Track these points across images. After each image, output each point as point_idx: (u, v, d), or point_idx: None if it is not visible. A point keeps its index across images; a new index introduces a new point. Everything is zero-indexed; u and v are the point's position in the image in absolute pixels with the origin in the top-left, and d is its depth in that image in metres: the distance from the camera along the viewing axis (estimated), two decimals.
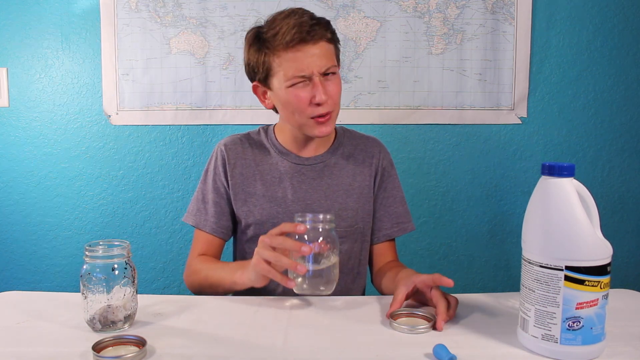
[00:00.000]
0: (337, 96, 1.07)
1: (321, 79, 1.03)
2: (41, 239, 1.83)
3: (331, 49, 1.06)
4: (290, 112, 1.07)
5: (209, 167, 1.18)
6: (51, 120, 1.79)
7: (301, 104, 1.04)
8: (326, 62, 1.03)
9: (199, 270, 1.10)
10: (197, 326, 0.83)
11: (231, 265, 1.03)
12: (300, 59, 1.01)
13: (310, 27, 1.01)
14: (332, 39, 1.07)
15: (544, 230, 0.71)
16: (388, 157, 1.22)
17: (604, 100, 1.78)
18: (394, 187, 1.20)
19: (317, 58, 1.02)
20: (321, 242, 0.86)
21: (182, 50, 1.75)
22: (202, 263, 1.11)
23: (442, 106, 1.76)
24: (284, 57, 1.02)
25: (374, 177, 1.18)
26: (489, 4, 1.72)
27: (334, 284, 0.88)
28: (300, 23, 1.00)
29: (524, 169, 1.80)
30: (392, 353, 0.73)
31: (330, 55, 1.05)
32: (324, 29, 1.04)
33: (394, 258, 1.20)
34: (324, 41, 1.04)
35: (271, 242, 0.87)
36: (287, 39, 1.00)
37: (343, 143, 1.19)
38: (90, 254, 0.80)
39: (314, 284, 0.87)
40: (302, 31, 1.00)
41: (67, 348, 0.74)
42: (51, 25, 1.76)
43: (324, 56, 1.03)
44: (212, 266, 1.08)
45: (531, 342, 0.72)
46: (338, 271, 0.89)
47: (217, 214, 1.15)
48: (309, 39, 1.01)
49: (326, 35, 1.04)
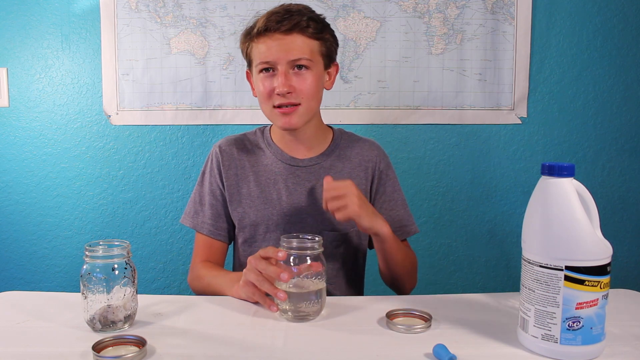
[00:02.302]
0: (306, 90, 1.05)
1: (287, 70, 1.03)
2: (41, 239, 1.83)
3: (309, 43, 1.04)
4: (260, 101, 1.10)
5: (206, 169, 1.18)
6: (51, 120, 1.79)
7: (264, 93, 1.06)
8: (294, 53, 1.02)
9: (202, 277, 1.10)
10: (197, 326, 0.83)
11: (230, 276, 1.03)
12: (268, 46, 1.03)
13: (283, 17, 1.02)
14: (315, 35, 1.05)
15: (544, 230, 0.71)
16: (386, 160, 1.20)
17: (604, 100, 1.78)
18: (393, 190, 1.18)
19: (284, 47, 1.02)
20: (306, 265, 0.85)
21: (182, 50, 1.75)
22: (205, 269, 1.11)
23: (442, 106, 1.76)
24: (256, 44, 1.05)
25: (370, 181, 1.17)
26: (489, 4, 1.72)
27: (320, 309, 0.86)
28: (278, 12, 1.03)
29: (524, 169, 1.80)
30: (392, 353, 0.73)
31: (305, 49, 1.03)
32: (302, 19, 1.03)
33: None
34: (298, 33, 1.03)
35: (257, 266, 0.87)
36: (259, 26, 1.03)
37: (339, 145, 1.18)
38: (90, 254, 0.80)
39: (297, 308, 0.84)
40: (274, 19, 1.02)
41: (67, 348, 0.74)
42: (51, 25, 1.76)
43: (295, 47, 1.02)
44: (215, 274, 1.07)
45: (531, 342, 0.72)
46: (325, 297, 0.88)
47: (213, 216, 1.15)
48: (278, 26, 1.02)
49: (304, 28, 1.03)
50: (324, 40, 1.08)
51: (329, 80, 1.13)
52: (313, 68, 1.06)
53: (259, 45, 1.04)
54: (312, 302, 0.85)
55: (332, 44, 1.11)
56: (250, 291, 0.89)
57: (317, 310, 0.86)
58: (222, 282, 1.02)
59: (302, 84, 1.04)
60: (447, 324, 0.83)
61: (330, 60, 1.12)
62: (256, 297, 0.89)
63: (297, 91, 1.04)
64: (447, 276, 1.82)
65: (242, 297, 0.94)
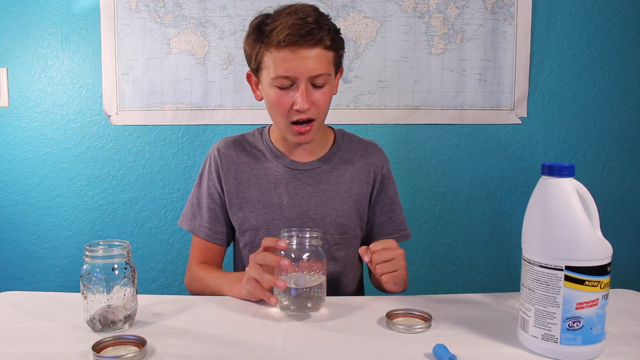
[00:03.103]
0: (323, 105, 1.03)
1: (307, 86, 1.00)
2: (41, 239, 1.83)
3: (328, 56, 1.01)
4: (272, 112, 1.06)
5: (204, 171, 1.16)
6: (51, 120, 1.79)
7: (282, 107, 1.02)
8: (316, 69, 0.99)
9: (200, 278, 1.09)
10: (197, 326, 0.83)
11: (230, 277, 1.03)
12: (289, 60, 0.98)
13: (307, 32, 0.96)
14: (332, 45, 1.01)
15: (544, 230, 0.71)
16: (387, 164, 1.20)
17: (604, 100, 1.78)
18: (395, 194, 1.19)
19: (307, 63, 0.98)
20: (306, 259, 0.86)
21: (182, 50, 1.75)
22: (202, 271, 1.10)
23: (442, 106, 1.76)
24: (275, 54, 0.99)
25: (372, 184, 1.16)
26: (489, 4, 1.72)
27: (320, 303, 0.87)
28: (299, 24, 0.96)
29: (524, 169, 1.80)
30: (392, 353, 0.73)
31: (325, 63, 1.00)
32: (324, 33, 0.99)
33: None
34: (320, 47, 0.99)
35: (256, 259, 0.87)
36: (280, 38, 0.96)
37: (341, 148, 1.17)
38: (90, 254, 0.80)
39: (298, 302, 0.85)
40: (296, 33, 0.96)
41: (67, 348, 0.74)
42: (51, 25, 1.76)
43: (316, 62, 0.99)
44: (213, 275, 1.07)
45: (531, 342, 0.72)
46: (325, 290, 0.88)
47: (211, 219, 1.13)
48: (302, 42, 0.97)
49: (324, 41, 0.99)
50: (337, 50, 1.05)
51: (335, 85, 1.12)
52: (329, 80, 1.04)
53: (279, 56, 0.98)
54: (312, 295, 0.85)
55: (343, 50, 1.08)
56: (252, 286, 0.89)
57: (317, 305, 0.86)
58: (222, 283, 1.01)
59: (321, 99, 1.02)
60: (447, 324, 0.83)
61: (339, 66, 1.09)
62: (258, 292, 0.88)
63: (315, 106, 1.02)
64: (447, 276, 1.82)
65: (242, 296, 0.94)
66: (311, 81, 1.00)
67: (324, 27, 0.99)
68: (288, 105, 1.01)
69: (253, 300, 0.93)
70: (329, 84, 1.04)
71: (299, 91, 1.00)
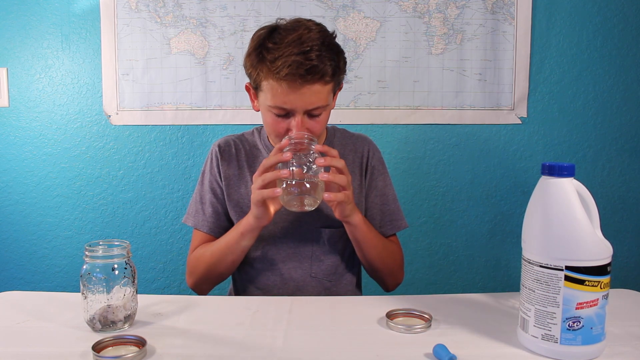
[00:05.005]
0: (318, 131, 1.05)
1: (303, 117, 1.01)
2: (41, 239, 1.83)
3: (327, 88, 1.01)
4: (268, 130, 1.10)
5: (205, 168, 1.19)
6: (51, 120, 1.79)
7: (277, 131, 1.04)
8: (314, 102, 0.99)
9: (202, 254, 1.11)
10: (197, 326, 0.83)
11: (232, 229, 1.09)
12: (286, 94, 0.97)
13: (307, 70, 0.95)
14: (333, 78, 1.01)
15: (544, 230, 0.71)
16: (378, 154, 1.20)
17: (604, 100, 1.78)
18: (385, 185, 1.19)
19: (305, 98, 0.98)
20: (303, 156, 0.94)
21: (182, 50, 1.75)
22: (202, 248, 1.13)
23: (442, 106, 1.76)
24: (273, 84, 0.98)
25: (363, 176, 1.17)
26: (489, 4, 1.72)
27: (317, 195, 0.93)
28: (300, 62, 0.94)
29: (524, 169, 1.80)
30: (392, 353, 0.73)
31: (323, 96, 1.00)
32: (325, 69, 0.97)
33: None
34: (320, 83, 0.98)
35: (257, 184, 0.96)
36: (280, 73, 0.95)
37: (333, 143, 1.18)
38: (90, 254, 0.80)
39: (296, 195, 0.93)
40: (297, 72, 0.95)
41: (67, 348, 0.74)
42: (51, 25, 1.76)
43: (314, 97, 0.99)
44: (213, 242, 1.12)
45: (531, 342, 0.72)
46: (322, 188, 0.94)
47: (214, 214, 1.15)
48: (302, 81, 0.96)
49: (325, 77, 0.98)
50: (338, 78, 1.05)
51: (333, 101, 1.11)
52: (327, 109, 1.05)
53: (277, 88, 0.98)
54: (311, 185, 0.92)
55: (344, 73, 1.08)
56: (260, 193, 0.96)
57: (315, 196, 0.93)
58: (226, 237, 1.08)
59: (316, 126, 1.04)
60: (447, 324, 0.83)
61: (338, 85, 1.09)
62: (266, 193, 0.95)
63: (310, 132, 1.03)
64: (447, 276, 1.82)
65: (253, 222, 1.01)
66: (308, 112, 1.02)
67: (325, 62, 0.98)
68: (283, 130, 1.03)
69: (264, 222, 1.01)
70: (326, 112, 1.06)
71: (294, 121, 1.01)
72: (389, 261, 1.13)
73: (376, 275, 1.16)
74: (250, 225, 1.02)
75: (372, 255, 1.10)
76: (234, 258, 1.08)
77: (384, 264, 1.12)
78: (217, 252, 1.08)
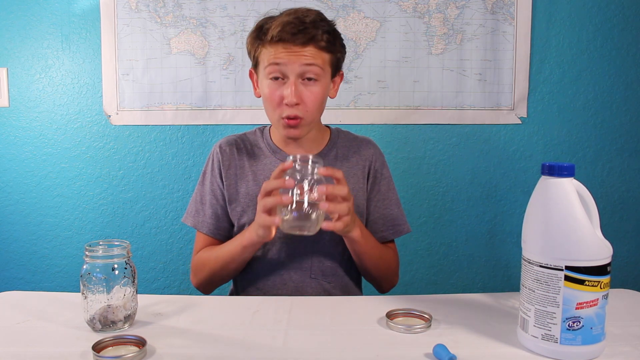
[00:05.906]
0: (312, 103, 1.05)
1: (297, 82, 1.03)
2: (41, 239, 1.83)
3: (322, 56, 1.04)
4: (266, 107, 1.10)
5: (207, 168, 1.19)
6: (51, 120, 1.79)
7: (273, 101, 1.06)
8: (307, 66, 1.03)
9: (206, 258, 1.12)
10: (197, 326, 0.83)
11: (235, 237, 1.08)
12: (279, 52, 1.02)
13: (300, 30, 1.01)
14: (328, 47, 1.05)
15: (544, 230, 0.71)
16: (381, 158, 1.20)
17: (604, 100, 1.78)
18: (388, 189, 1.19)
19: (297, 58, 1.02)
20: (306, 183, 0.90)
21: (182, 50, 1.75)
22: (206, 252, 1.14)
23: (442, 106, 1.76)
24: (267, 49, 1.04)
25: (366, 179, 1.17)
26: (489, 4, 1.72)
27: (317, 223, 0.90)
28: (294, 23, 1.01)
29: (524, 169, 1.80)
30: (392, 353, 0.73)
31: (317, 60, 1.03)
32: (318, 33, 1.02)
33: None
34: (313, 46, 1.02)
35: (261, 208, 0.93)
36: (273, 34, 1.01)
37: (336, 145, 1.18)
38: (90, 254, 0.80)
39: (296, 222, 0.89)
40: (289, 31, 1.00)
41: (67, 348, 0.74)
42: (51, 25, 1.76)
43: (307, 58, 1.02)
44: (218, 247, 1.12)
45: (531, 342, 0.72)
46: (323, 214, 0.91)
47: (214, 215, 1.15)
48: (293, 39, 1.01)
49: (318, 41, 1.02)
50: (334, 52, 1.08)
51: (334, 89, 1.14)
52: (321, 79, 1.06)
53: (270, 51, 1.03)
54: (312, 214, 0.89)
55: (342, 55, 1.11)
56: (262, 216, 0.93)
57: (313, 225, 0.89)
58: (229, 246, 1.07)
59: (310, 96, 1.05)
60: (447, 324, 0.83)
61: (337, 70, 1.12)
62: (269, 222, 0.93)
63: (303, 103, 1.04)
64: (447, 276, 1.82)
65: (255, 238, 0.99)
66: (302, 76, 1.04)
67: (320, 28, 1.03)
68: (278, 98, 1.05)
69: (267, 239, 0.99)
70: (320, 83, 1.06)
71: (287, 86, 1.03)
72: (383, 269, 1.14)
73: (371, 279, 1.17)
74: (252, 241, 1.02)
75: (369, 264, 1.11)
76: (236, 266, 1.10)
77: (379, 271, 1.14)
78: (221, 259, 1.09)
